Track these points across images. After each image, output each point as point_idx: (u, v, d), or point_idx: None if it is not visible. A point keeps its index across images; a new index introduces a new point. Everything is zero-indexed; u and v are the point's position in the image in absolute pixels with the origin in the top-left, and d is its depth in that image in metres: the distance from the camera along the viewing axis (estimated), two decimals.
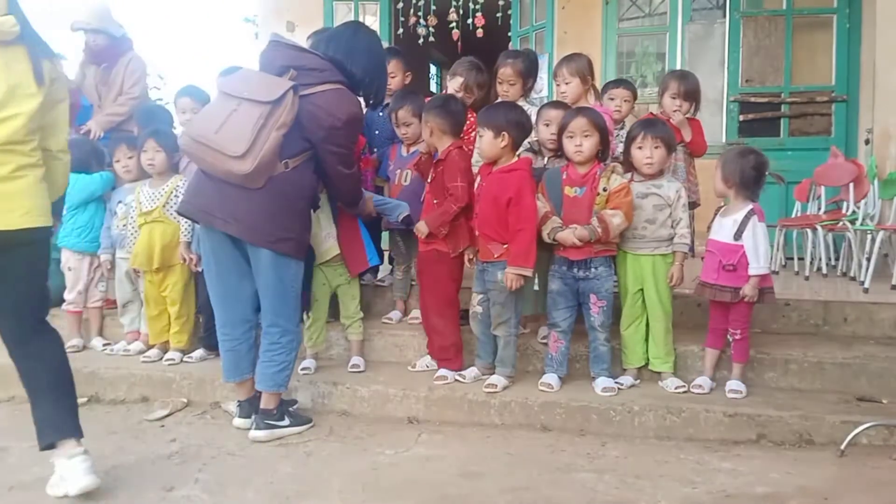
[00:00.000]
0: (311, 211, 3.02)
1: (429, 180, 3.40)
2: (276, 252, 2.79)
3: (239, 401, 3.06)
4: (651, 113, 3.85)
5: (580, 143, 3.10)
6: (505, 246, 3.11)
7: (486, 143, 3.14)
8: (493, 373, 3.24)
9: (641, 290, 3.23)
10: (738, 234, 3.05)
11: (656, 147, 3.15)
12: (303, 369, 3.42)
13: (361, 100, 3.05)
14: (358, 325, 3.57)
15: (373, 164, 3.91)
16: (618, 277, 3.32)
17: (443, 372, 3.31)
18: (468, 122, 3.64)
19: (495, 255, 3.14)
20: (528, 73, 3.69)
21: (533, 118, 3.42)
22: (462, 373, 3.30)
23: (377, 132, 4.11)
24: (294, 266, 2.88)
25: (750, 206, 3.08)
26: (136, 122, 4.13)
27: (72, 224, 3.94)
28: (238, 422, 3.05)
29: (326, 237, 3.40)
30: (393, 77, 3.91)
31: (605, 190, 3.08)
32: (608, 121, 3.34)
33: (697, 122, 3.77)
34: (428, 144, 3.37)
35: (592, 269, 3.13)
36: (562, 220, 3.12)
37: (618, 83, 3.91)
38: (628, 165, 3.26)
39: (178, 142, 2.94)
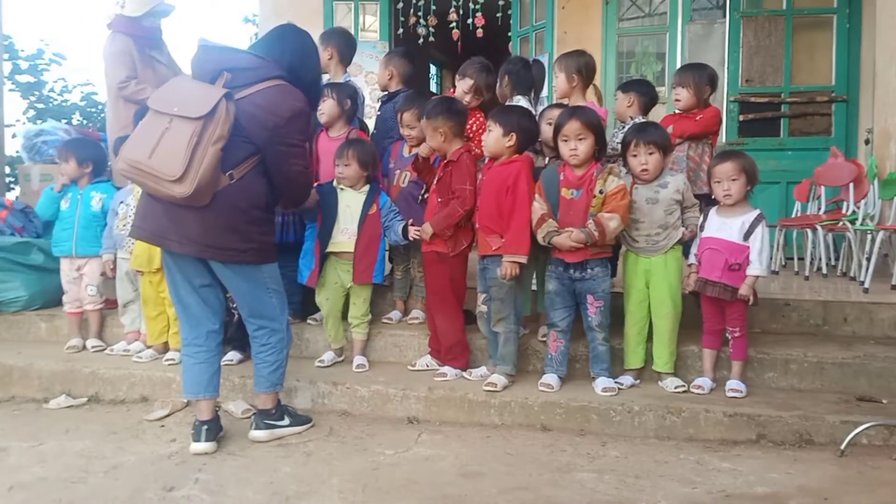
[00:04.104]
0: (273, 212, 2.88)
1: (435, 181, 3.40)
2: (240, 263, 2.71)
3: (204, 420, 2.82)
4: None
5: (575, 147, 3.10)
6: (503, 239, 3.12)
7: (493, 138, 3.16)
8: None
9: (647, 289, 3.22)
10: (746, 236, 3.06)
11: (650, 153, 3.15)
12: (318, 361, 3.50)
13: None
14: (365, 327, 3.60)
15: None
16: (624, 277, 3.31)
17: (444, 369, 3.33)
18: (479, 123, 3.66)
19: (493, 248, 3.15)
20: (494, 79, 3.79)
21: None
22: (470, 370, 3.34)
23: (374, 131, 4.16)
24: (265, 268, 2.79)
25: (758, 211, 3.12)
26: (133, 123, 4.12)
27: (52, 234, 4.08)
28: (200, 447, 2.78)
29: (343, 231, 3.44)
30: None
31: (601, 192, 3.08)
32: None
33: (708, 109, 3.71)
34: (439, 149, 3.35)
35: (588, 271, 3.13)
36: (558, 222, 3.12)
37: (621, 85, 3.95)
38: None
39: (116, 166, 2.73)
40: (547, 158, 3.48)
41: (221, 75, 2.64)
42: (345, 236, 3.46)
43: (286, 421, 2.97)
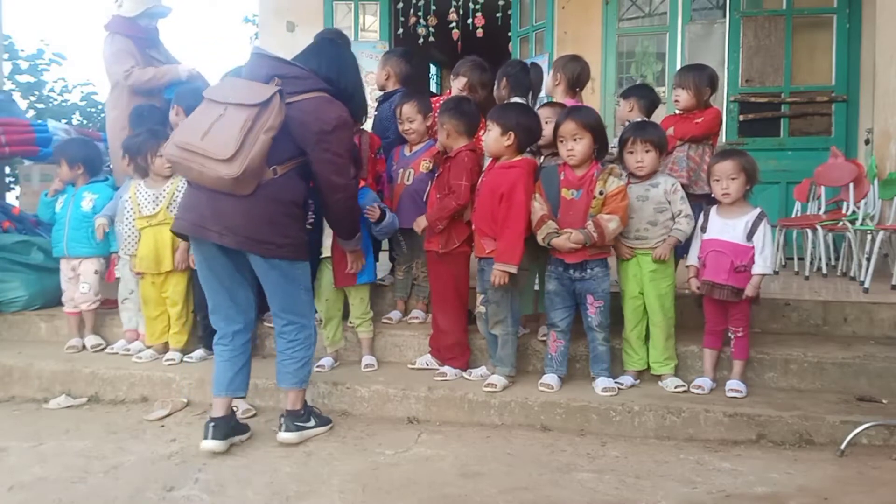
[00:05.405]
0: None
1: (436, 175, 3.44)
2: (277, 258, 2.75)
3: (214, 418, 2.83)
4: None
5: (571, 148, 3.11)
6: (496, 243, 3.12)
7: (492, 138, 3.17)
8: None
9: (642, 293, 3.23)
10: (750, 236, 3.06)
11: (647, 151, 3.16)
12: (318, 366, 3.44)
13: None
14: (368, 325, 3.60)
15: (384, 166, 3.92)
16: (619, 281, 3.32)
17: (444, 369, 3.33)
18: None
19: (486, 251, 3.16)
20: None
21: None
22: (470, 370, 3.34)
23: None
24: (299, 265, 2.85)
25: (759, 209, 3.11)
26: (129, 124, 4.13)
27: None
28: (209, 444, 2.78)
29: (328, 235, 3.42)
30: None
31: (601, 193, 3.08)
32: None
33: (708, 110, 3.69)
34: (444, 146, 3.39)
35: (588, 271, 3.13)
36: (558, 222, 3.12)
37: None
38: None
39: (162, 151, 2.85)
40: (542, 158, 3.48)
41: (273, 80, 2.72)
42: (329, 240, 3.41)
43: (313, 422, 2.97)
